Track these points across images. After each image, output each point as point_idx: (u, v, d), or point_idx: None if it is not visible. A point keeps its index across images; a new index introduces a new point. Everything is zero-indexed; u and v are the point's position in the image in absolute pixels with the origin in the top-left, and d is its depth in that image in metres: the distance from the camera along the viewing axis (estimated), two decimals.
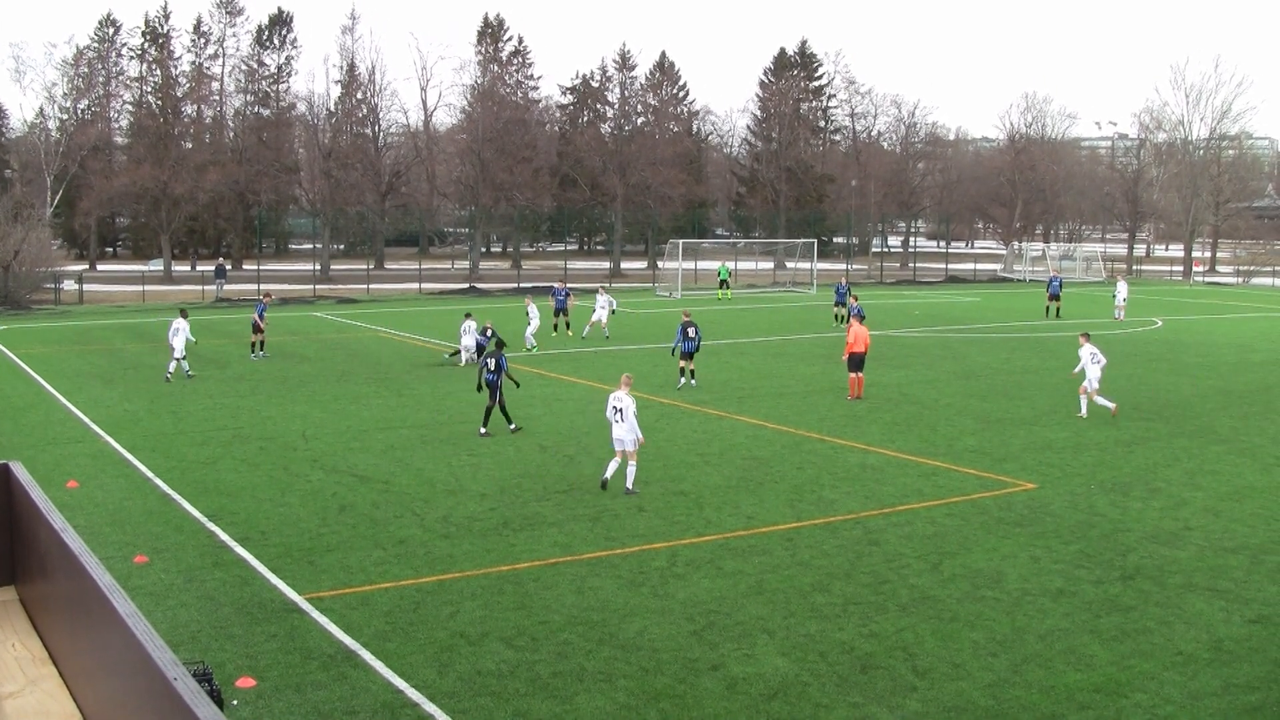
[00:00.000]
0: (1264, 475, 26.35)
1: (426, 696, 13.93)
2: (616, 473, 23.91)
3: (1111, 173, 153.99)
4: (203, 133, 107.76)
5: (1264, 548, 20.60)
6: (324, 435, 29.39)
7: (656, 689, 14.29)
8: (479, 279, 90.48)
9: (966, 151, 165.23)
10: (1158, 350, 49.82)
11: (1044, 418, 32.89)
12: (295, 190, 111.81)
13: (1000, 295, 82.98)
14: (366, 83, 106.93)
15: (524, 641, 15.70)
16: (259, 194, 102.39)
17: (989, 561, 19.59)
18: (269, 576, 18.24)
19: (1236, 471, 26.69)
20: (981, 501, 23.58)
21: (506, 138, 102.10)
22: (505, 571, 18.69)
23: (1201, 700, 14.20)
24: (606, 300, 52.52)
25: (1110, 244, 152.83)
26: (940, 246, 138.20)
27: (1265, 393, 38.35)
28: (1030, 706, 13.96)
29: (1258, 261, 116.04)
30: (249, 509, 22.23)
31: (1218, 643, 16.06)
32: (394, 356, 44.91)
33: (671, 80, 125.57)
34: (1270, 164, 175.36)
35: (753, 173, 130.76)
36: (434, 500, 23.09)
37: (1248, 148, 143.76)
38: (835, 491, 24.10)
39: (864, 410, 33.73)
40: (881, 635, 16.13)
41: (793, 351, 45.79)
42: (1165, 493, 24.47)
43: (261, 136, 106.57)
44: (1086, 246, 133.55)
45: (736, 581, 18.36)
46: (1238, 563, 19.71)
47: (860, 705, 13.90)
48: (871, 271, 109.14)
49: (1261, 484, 25.49)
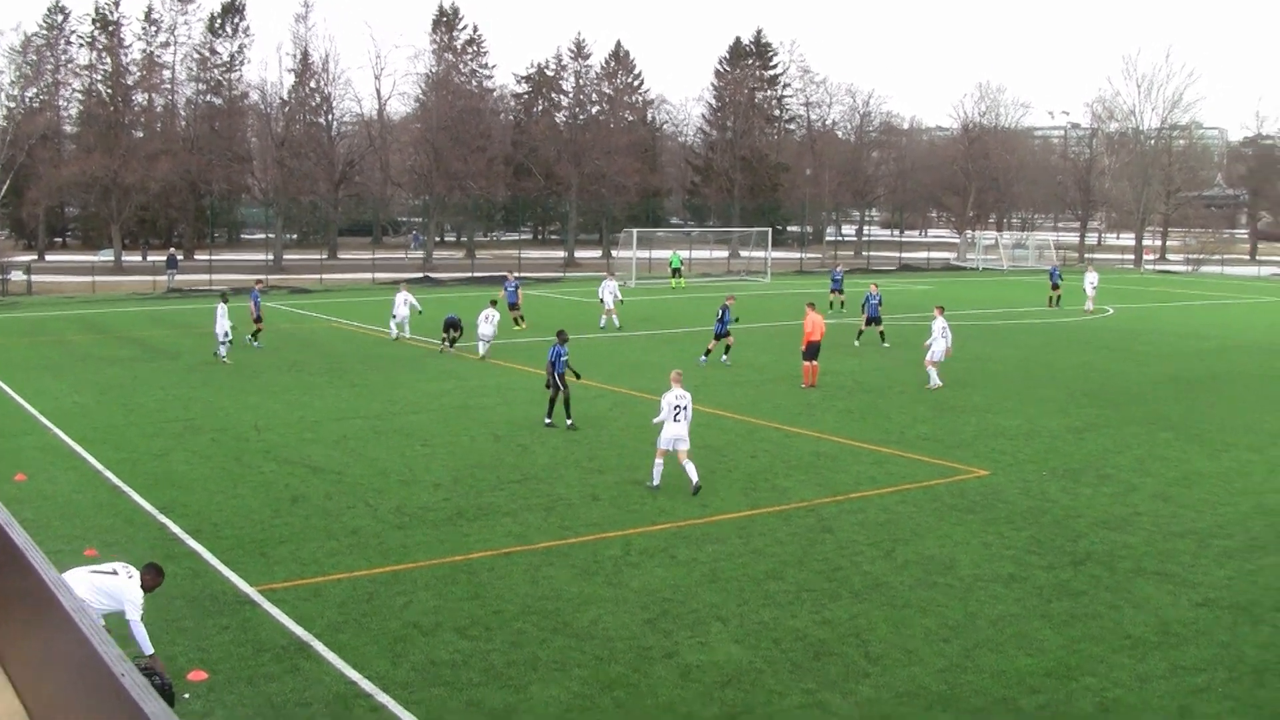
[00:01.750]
0: (1212, 461, 26.61)
1: (380, 687, 13.91)
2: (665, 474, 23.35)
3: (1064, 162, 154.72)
4: (154, 121, 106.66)
5: (1211, 532, 20.81)
6: (277, 426, 29.25)
7: (611, 677, 14.31)
8: (433, 268, 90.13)
9: (920, 140, 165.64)
10: (1109, 338, 50.18)
11: (996, 405, 33.09)
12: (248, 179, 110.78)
13: (954, 284, 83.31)
14: (320, 71, 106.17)
15: (478, 631, 15.69)
16: (211, 183, 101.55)
17: (941, 548, 19.71)
18: (221, 569, 18.15)
19: (1185, 458, 26.94)
20: (934, 488, 23.71)
21: (461, 127, 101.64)
22: (459, 561, 18.68)
23: (1150, 683, 14.35)
24: (613, 287, 52.28)
25: (1063, 232, 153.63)
26: (894, 235, 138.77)
27: (1214, 380, 38.71)
28: (982, 691, 14.07)
29: (1207, 250, 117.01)
30: (201, 501, 22.11)
31: (1165, 626, 16.23)
32: (347, 347, 44.73)
33: (626, 69, 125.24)
34: (1220, 154, 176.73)
35: (707, 161, 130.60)
36: (387, 491, 23.03)
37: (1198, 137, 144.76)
38: (789, 479, 24.18)
39: (818, 398, 33.84)
40: (835, 622, 16.21)
41: (746, 341, 45.84)
42: (1116, 479, 24.68)
43: (214, 125, 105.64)
44: (1039, 235, 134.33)
45: (690, 570, 18.41)
46: (1186, 547, 19.91)
47: (814, 691, 13.97)
48: (825, 260, 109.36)
49: (1209, 470, 25.74)
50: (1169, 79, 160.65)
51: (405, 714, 13.26)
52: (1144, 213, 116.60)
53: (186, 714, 13.13)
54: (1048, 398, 34.09)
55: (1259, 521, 21.61)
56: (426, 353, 42.53)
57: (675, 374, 23.98)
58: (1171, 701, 13.87)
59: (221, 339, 39.50)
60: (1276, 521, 21.63)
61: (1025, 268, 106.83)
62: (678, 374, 23.98)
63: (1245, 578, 18.38)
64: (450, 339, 42.47)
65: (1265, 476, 25.21)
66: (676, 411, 22.88)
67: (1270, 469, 25.92)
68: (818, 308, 37.77)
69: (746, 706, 13.60)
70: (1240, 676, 14.61)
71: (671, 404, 22.91)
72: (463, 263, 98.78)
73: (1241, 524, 21.42)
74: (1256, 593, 17.70)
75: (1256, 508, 22.58)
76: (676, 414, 22.88)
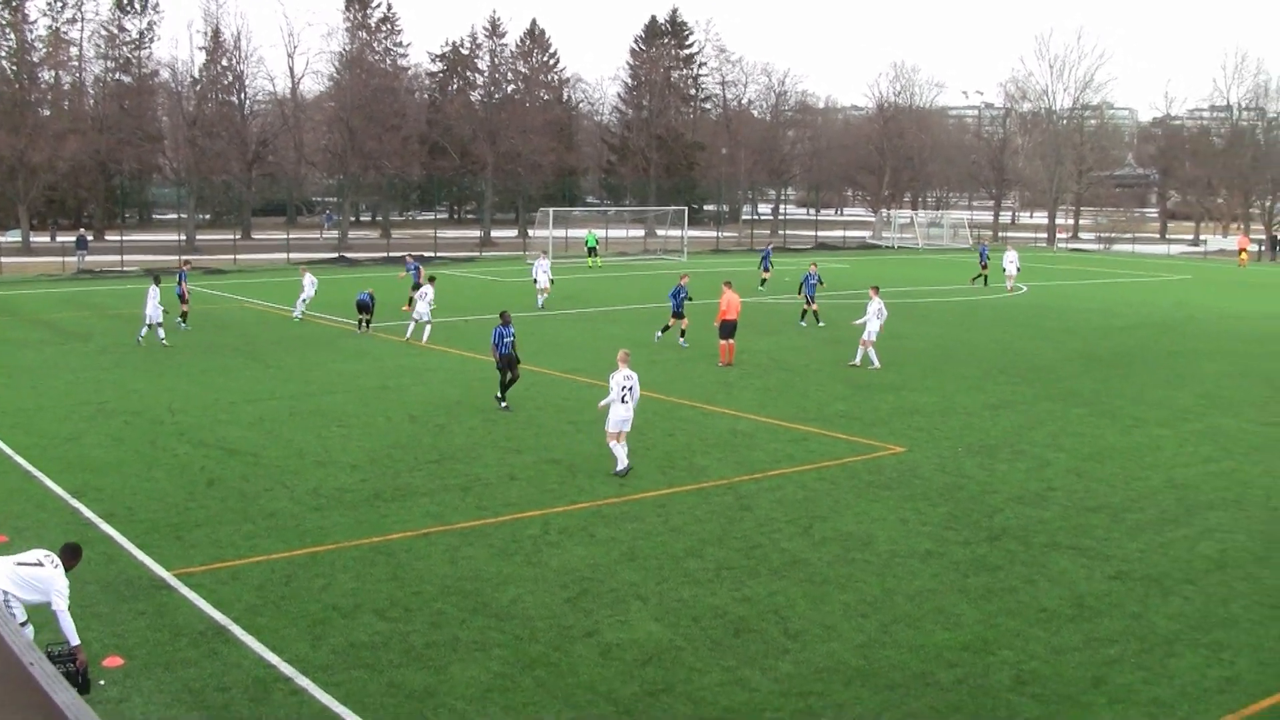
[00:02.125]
0: (1124, 436, 27.00)
1: (300, 670, 13.80)
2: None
3: (978, 141, 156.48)
4: (61, 99, 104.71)
5: (1124, 506, 21.12)
6: (191, 408, 28.90)
7: (531, 657, 14.29)
8: (348, 248, 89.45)
9: (836, 120, 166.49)
10: (1023, 315, 50.76)
11: (912, 383, 33.35)
12: (159, 159, 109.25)
13: (870, 262, 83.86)
14: (232, 49, 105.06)
15: (397, 613, 15.62)
16: (121, 163, 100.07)
17: (859, 525, 19.85)
18: (136, 553, 17.92)
19: (1098, 433, 27.31)
20: (852, 466, 23.88)
21: (375, 105, 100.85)
22: (377, 543, 18.57)
23: (1064, 655, 14.54)
24: (546, 266, 52.09)
25: (977, 211, 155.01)
26: (810, 214, 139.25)
27: (1126, 356, 39.26)
28: (900, 665, 14.19)
29: (1118, 228, 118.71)
30: (115, 485, 21.81)
31: (1080, 599, 16.45)
32: (262, 328, 44.30)
33: (542, 48, 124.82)
34: (1130, 134, 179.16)
35: (623, 141, 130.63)
36: (304, 472, 22.84)
37: (1109, 118, 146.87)
38: (707, 458, 24.25)
39: (735, 377, 33.95)
40: (754, 599, 16.29)
41: (663, 319, 45.89)
42: (1030, 454, 24.97)
43: (123, 104, 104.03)
44: (953, 214, 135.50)
45: (610, 548, 18.42)
46: (1099, 521, 20.19)
47: (734, 669, 14.03)
48: (742, 239, 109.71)
49: (1122, 445, 26.11)
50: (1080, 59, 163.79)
51: (325, 697, 13.17)
52: (1057, 192, 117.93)
53: (102, 701, 12.96)
54: (963, 375, 34.43)
55: (1169, 495, 21.95)
56: (341, 333, 42.23)
57: (623, 353, 23.60)
58: (1086, 673, 14.06)
59: (149, 321, 38.94)
60: (1186, 495, 21.99)
61: (940, 246, 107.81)
62: (625, 353, 23.66)
63: (1157, 550, 18.68)
64: (364, 320, 42.13)
65: (1175, 451, 25.61)
66: (624, 393, 22.64)
67: (1180, 444, 26.33)
68: (734, 286, 37.84)
69: (667, 684, 13.63)
70: (1152, 647, 14.84)
71: (620, 384, 22.61)
72: (378, 242, 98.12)
73: (1153, 498, 21.75)
74: (1167, 565, 17.99)
75: (1167, 482, 22.94)
76: (624, 395, 22.64)
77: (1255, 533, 19.81)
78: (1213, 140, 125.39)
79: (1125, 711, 13.11)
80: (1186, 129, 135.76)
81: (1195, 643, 15.02)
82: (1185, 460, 24.82)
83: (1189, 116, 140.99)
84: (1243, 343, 43.19)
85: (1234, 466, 24.33)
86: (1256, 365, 37.78)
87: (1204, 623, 15.70)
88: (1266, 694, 13.64)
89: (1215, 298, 61.61)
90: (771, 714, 12.97)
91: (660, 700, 13.26)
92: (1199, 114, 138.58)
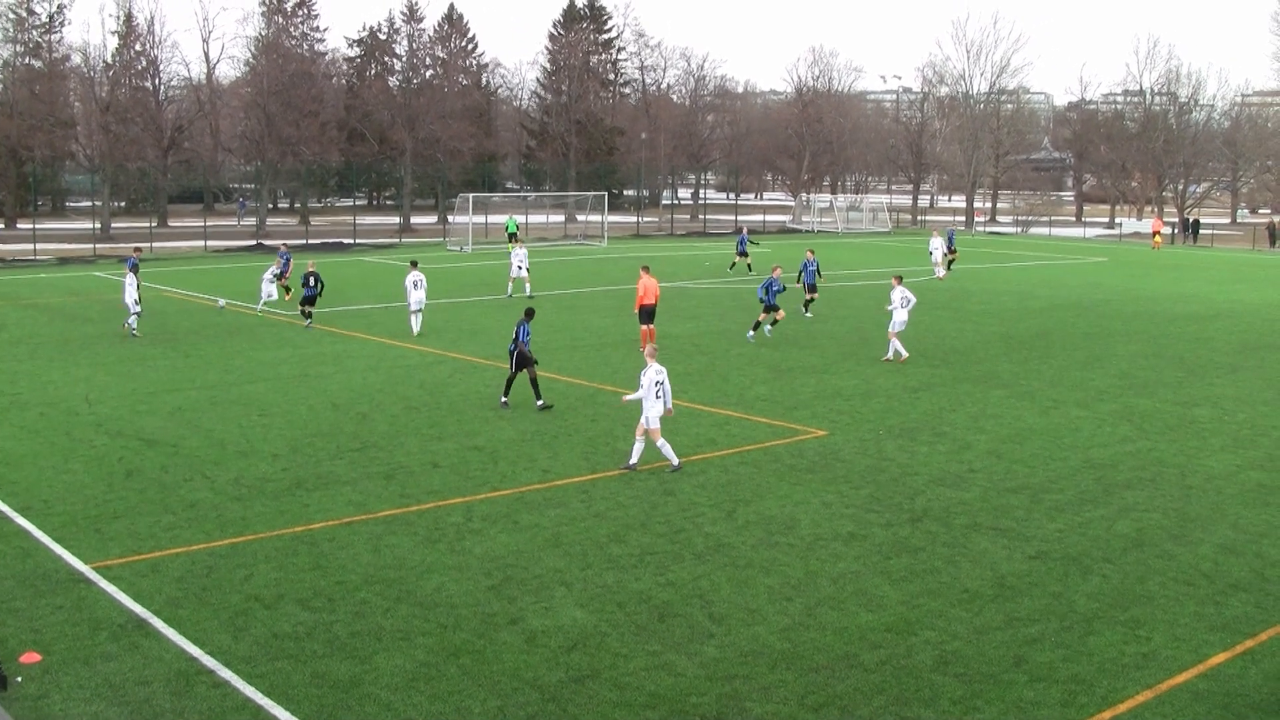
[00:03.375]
0: (1042, 418, 27.31)
1: (222, 662, 13.68)
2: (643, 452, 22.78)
3: (896, 125, 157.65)
4: None
5: (1043, 487, 21.38)
6: (108, 399, 28.54)
7: (456, 645, 14.26)
8: (266, 235, 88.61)
9: (755, 104, 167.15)
10: (942, 298, 51.18)
11: (834, 366, 33.56)
12: (72, 145, 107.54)
13: (790, 246, 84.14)
14: (145, 34, 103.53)
15: (320, 603, 15.52)
16: (32, 149, 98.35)
17: (782, 508, 19.96)
18: (53, 546, 17.68)
19: (1017, 415, 27.61)
20: (774, 449, 23.99)
21: (292, 91, 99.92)
22: (300, 532, 18.44)
23: (986, 634, 14.70)
24: (523, 255, 51.50)
25: (896, 195, 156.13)
26: (730, 198, 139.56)
27: (1044, 338, 39.71)
28: (824, 648, 14.28)
29: (1035, 211, 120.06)
30: (30, 478, 21.49)
31: (1001, 579, 16.64)
32: (180, 316, 43.77)
33: (460, 33, 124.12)
34: (1046, 118, 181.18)
35: (543, 126, 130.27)
36: (225, 462, 22.63)
37: (1025, 102, 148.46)
38: (629, 442, 24.18)
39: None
40: (678, 584, 16.33)
41: (584, 304, 45.89)
42: (950, 436, 25.21)
43: (34, 89, 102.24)
44: (872, 197, 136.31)
45: (533, 535, 18.40)
46: (1019, 502, 20.42)
47: (659, 653, 14.06)
48: (662, 224, 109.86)
49: (1040, 426, 26.42)
50: (997, 44, 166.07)
51: (248, 689, 13.06)
52: (974, 175, 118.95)
53: (20, 698, 12.79)
54: (883, 358, 34.65)
55: (1088, 475, 22.25)
56: (260, 322, 41.85)
57: (651, 349, 23.43)
58: (1007, 652, 14.23)
59: (132, 310, 38.49)
60: (1104, 475, 22.30)
61: (859, 230, 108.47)
62: (653, 348, 23.51)
63: (1075, 530, 18.93)
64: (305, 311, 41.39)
65: (1093, 432, 25.95)
66: (656, 388, 22.25)
67: (1097, 425, 26.68)
68: (652, 271, 37.83)
69: (592, 670, 13.65)
70: (1072, 625, 15.05)
71: (653, 380, 22.23)
72: (297, 230, 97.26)
73: (1071, 478, 22.04)
74: (1086, 544, 18.24)
75: (1085, 462, 23.25)
76: (656, 391, 22.24)
77: (1170, 511, 20.12)
78: (1126, 124, 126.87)
79: (1046, 690, 13.28)
80: (1101, 113, 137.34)
81: (1114, 620, 15.24)
82: (1102, 440, 25.16)
83: (1103, 101, 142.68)
84: (1157, 324, 43.81)
85: (1149, 446, 24.69)
86: (1170, 346, 38.34)
87: (1122, 600, 15.94)
88: (1182, 669, 13.87)
89: (1130, 280, 62.45)
90: (697, 698, 13.02)
91: (586, 686, 13.27)
92: (1113, 98, 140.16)
